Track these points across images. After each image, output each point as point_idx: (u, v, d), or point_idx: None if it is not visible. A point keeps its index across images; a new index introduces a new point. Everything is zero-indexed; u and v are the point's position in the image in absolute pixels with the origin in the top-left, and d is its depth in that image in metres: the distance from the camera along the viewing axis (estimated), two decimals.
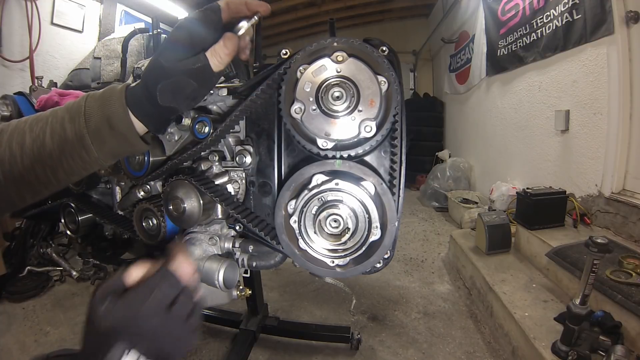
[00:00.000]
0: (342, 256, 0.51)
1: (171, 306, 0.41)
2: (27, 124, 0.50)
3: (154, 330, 0.38)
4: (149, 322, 0.39)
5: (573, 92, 2.51)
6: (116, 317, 0.38)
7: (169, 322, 0.40)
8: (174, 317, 0.41)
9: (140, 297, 0.40)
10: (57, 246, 2.74)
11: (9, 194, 0.50)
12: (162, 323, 0.40)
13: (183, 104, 0.47)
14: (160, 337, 0.39)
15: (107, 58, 3.15)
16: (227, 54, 0.45)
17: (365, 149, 0.50)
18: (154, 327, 0.38)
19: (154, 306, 0.40)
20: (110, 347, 0.36)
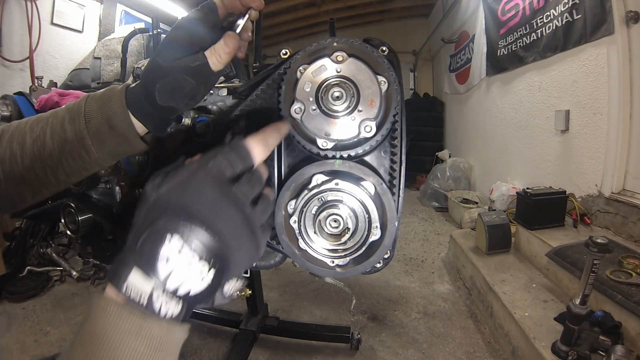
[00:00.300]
0: (342, 256, 0.51)
1: (232, 183, 0.33)
2: (28, 124, 0.50)
3: (207, 206, 0.30)
4: (201, 194, 0.31)
5: (573, 92, 2.51)
6: (163, 188, 0.31)
7: (228, 201, 0.31)
8: (235, 197, 0.32)
9: (196, 166, 0.32)
10: (57, 246, 2.74)
11: (9, 194, 0.50)
12: (218, 199, 0.31)
13: (182, 103, 0.48)
14: (214, 221, 0.30)
15: (107, 58, 3.16)
16: (227, 52, 0.45)
17: (365, 149, 0.50)
18: (206, 202, 0.30)
19: (210, 174, 0.32)
20: (151, 227, 0.29)
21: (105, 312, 0.28)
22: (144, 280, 0.28)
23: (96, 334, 0.27)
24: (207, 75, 0.46)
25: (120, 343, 0.27)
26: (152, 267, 0.28)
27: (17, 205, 0.52)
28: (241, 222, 0.32)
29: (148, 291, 0.28)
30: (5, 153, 0.48)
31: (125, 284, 0.28)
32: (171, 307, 0.29)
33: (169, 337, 0.29)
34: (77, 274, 2.55)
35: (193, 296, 0.30)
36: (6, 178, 0.49)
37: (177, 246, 0.29)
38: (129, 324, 0.27)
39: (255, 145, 0.36)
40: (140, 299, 0.28)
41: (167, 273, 0.28)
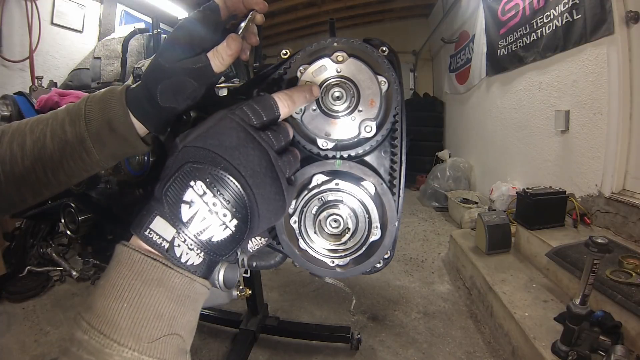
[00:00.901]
0: (342, 256, 0.51)
1: (258, 130, 0.32)
2: (28, 125, 0.50)
3: (231, 150, 0.30)
4: (226, 138, 0.30)
5: (573, 92, 2.51)
6: (189, 137, 0.31)
7: (253, 144, 0.31)
8: (261, 140, 0.31)
9: (222, 114, 0.32)
10: (57, 246, 2.74)
11: (10, 195, 0.50)
12: (242, 142, 0.30)
13: (183, 104, 0.48)
14: (238, 165, 0.29)
15: (107, 58, 3.16)
16: (229, 54, 0.45)
17: (366, 149, 0.50)
18: (231, 146, 0.30)
19: (235, 120, 0.31)
20: (175, 174, 0.29)
21: (127, 260, 0.28)
22: (166, 226, 0.28)
23: (116, 283, 0.27)
24: (209, 77, 0.46)
25: (141, 292, 0.27)
26: (175, 213, 0.28)
27: (18, 206, 0.52)
28: (266, 167, 0.31)
29: (169, 237, 0.28)
30: (6, 154, 0.48)
31: (147, 230, 0.28)
32: (192, 256, 0.28)
33: (190, 291, 0.29)
34: (77, 274, 2.55)
35: (215, 245, 0.29)
36: (6, 179, 0.49)
37: (199, 191, 0.28)
38: (151, 273, 0.27)
39: (281, 98, 0.37)
40: (161, 244, 0.28)
41: (189, 217, 0.28)
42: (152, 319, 0.27)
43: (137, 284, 0.27)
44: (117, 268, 0.28)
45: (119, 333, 0.26)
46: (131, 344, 0.26)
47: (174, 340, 0.28)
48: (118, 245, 0.29)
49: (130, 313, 0.26)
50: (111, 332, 0.26)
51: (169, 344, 0.27)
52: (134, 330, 0.26)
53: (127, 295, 0.27)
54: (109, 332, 0.26)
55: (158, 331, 0.27)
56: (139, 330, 0.26)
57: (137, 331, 0.26)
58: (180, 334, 0.28)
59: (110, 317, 0.26)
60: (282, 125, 0.36)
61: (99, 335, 0.25)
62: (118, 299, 0.27)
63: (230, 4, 0.47)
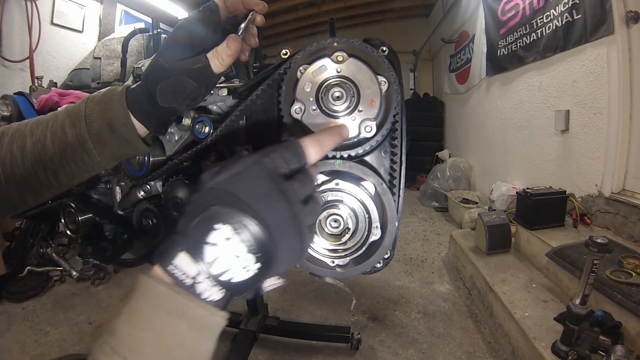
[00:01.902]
0: (342, 256, 0.51)
1: (285, 181, 0.33)
2: (28, 127, 0.50)
3: (260, 199, 0.30)
4: (255, 186, 0.31)
5: (573, 92, 2.51)
6: (219, 178, 0.32)
7: (280, 196, 0.31)
8: (288, 193, 0.32)
9: (252, 160, 0.33)
10: (57, 246, 2.75)
11: (10, 196, 0.50)
12: (271, 193, 0.31)
13: (183, 104, 0.48)
14: (265, 215, 0.30)
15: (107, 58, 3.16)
16: (229, 55, 0.45)
17: (366, 149, 0.50)
18: (259, 195, 0.30)
19: (263, 168, 0.32)
20: (203, 214, 0.30)
21: (151, 291, 0.29)
22: (190, 262, 0.29)
23: (141, 312, 0.28)
24: (208, 77, 0.46)
25: (164, 323, 0.28)
26: (199, 252, 0.29)
27: (19, 207, 0.52)
28: (291, 219, 0.32)
29: (193, 274, 0.29)
30: (6, 156, 0.48)
31: (172, 265, 0.29)
32: (213, 293, 0.29)
33: (211, 322, 0.30)
34: (77, 274, 2.55)
35: (235, 285, 0.30)
36: (7, 180, 0.49)
37: (226, 234, 0.29)
38: (174, 305, 0.28)
39: (311, 145, 0.37)
40: (184, 281, 0.29)
41: (213, 258, 0.29)
42: (174, 348, 0.28)
43: (161, 314, 0.28)
44: (141, 298, 0.29)
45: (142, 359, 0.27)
46: None
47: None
48: (142, 275, 0.30)
49: (153, 341, 0.27)
50: (134, 358, 0.27)
51: None
52: (156, 358, 0.27)
53: (151, 324, 0.28)
54: (132, 358, 0.27)
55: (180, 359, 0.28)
56: (162, 358, 0.27)
57: (160, 358, 0.27)
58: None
59: (135, 343, 0.27)
60: (309, 174, 0.36)
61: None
62: (142, 327, 0.28)
63: (230, 4, 0.47)
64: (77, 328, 2.10)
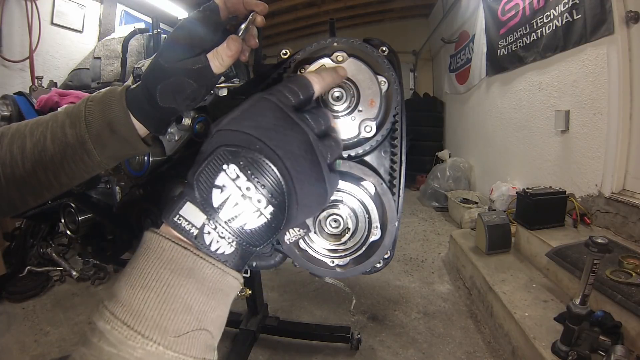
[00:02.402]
0: (342, 256, 0.51)
1: (296, 110, 0.30)
2: (27, 127, 0.50)
3: (267, 131, 0.27)
4: (262, 119, 0.28)
5: (573, 92, 2.51)
6: (224, 120, 0.29)
7: (292, 124, 0.29)
8: (300, 120, 0.29)
9: (256, 96, 0.30)
10: (57, 246, 2.75)
11: (11, 197, 0.50)
12: (280, 122, 0.28)
13: (183, 104, 0.48)
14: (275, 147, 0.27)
15: (107, 58, 3.16)
16: (229, 56, 0.45)
17: (366, 149, 0.50)
18: (267, 127, 0.28)
19: (270, 100, 0.29)
20: (208, 158, 0.27)
21: (156, 247, 0.26)
22: (196, 212, 0.26)
23: (143, 271, 0.26)
24: (208, 77, 0.46)
25: (169, 282, 0.25)
26: (206, 198, 0.26)
27: (19, 208, 0.52)
28: (306, 149, 0.29)
29: (199, 223, 0.26)
30: (6, 157, 0.48)
31: (177, 216, 0.27)
32: (223, 245, 0.27)
33: (222, 283, 0.27)
34: (77, 274, 2.55)
35: (248, 234, 0.27)
36: (7, 181, 0.49)
37: (232, 175, 0.26)
38: (181, 262, 0.26)
39: (312, 76, 0.35)
40: (190, 230, 0.26)
41: (220, 202, 0.26)
42: (180, 312, 0.25)
43: (165, 273, 0.25)
44: (145, 255, 0.26)
45: (144, 325, 0.24)
46: (156, 337, 0.24)
47: (202, 336, 0.26)
48: (147, 232, 0.27)
49: (157, 304, 0.25)
50: (135, 324, 0.24)
51: (196, 339, 0.26)
52: (160, 322, 0.24)
53: (155, 284, 0.25)
54: (133, 323, 0.24)
55: (186, 325, 0.25)
56: (166, 323, 0.25)
57: (164, 324, 0.25)
58: (209, 330, 0.27)
59: (136, 307, 0.25)
60: (321, 109, 0.34)
61: (122, 326, 0.24)
62: (145, 288, 0.25)
63: (231, 4, 0.47)
64: (77, 328, 2.10)
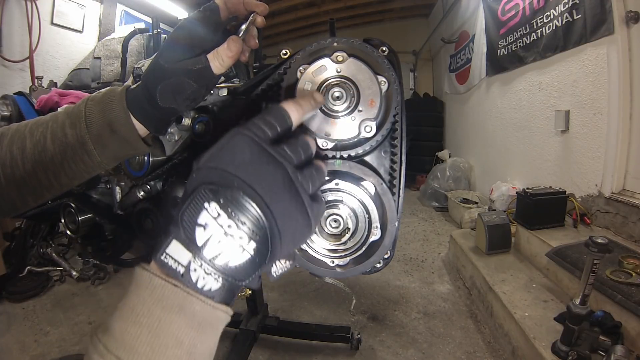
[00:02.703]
0: (342, 256, 0.51)
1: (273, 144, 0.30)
2: (27, 128, 0.50)
3: (244, 167, 0.28)
4: (238, 155, 0.28)
5: (573, 92, 2.51)
6: (203, 158, 0.30)
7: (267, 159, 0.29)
8: (276, 154, 0.29)
9: (234, 131, 0.30)
10: (57, 246, 2.75)
11: (11, 197, 0.50)
12: (256, 158, 0.29)
13: (183, 104, 0.48)
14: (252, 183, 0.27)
15: (107, 58, 3.16)
16: (230, 56, 0.45)
17: (365, 149, 0.50)
18: (243, 163, 0.28)
19: (246, 136, 0.30)
20: (190, 197, 0.28)
21: (147, 284, 0.27)
22: (182, 250, 0.27)
23: (135, 307, 0.27)
24: (208, 78, 0.46)
25: (160, 318, 0.26)
26: (190, 236, 0.27)
27: (20, 208, 0.52)
28: (283, 183, 0.29)
29: (185, 261, 0.27)
30: (6, 157, 0.48)
31: (164, 254, 0.27)
32: (209, 281, 0.27)
33: (212, 317, 0.28)
34: (77, 274, 2.55)
35: (233, 270, 0.28)
36: (7, 182, 0.49)
37: (214, 213, 0.27)
38: (171, 299, 0.26)
39: (290, 106, 0.35)
40: (176, 269, 0.27)
41: (204, 241, 0.27)
42: (171, 347, 0.26)
43: (157, 309, 0.26)
44: (137, 292, 0.27)
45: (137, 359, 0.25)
46: None
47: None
48: (138, 268, 0.28)
49: (149, 339, 0.26)
50: (128, 358, 0.25)
51: None
52: (151, 357, 0.25)
53: (147, 320, 0.26)
54: (126, 358, 0.25)
55: (177, 359, 0.26)
56: (158, 358, 0.25)
57: (155, 358, 0.25)
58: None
59: (129, 342, 0.25)
60: (301, 137, 0.33)
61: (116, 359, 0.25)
62: (137, 324, 0.26)
63: (231, 5, 0.47)
64: (77, 328, 2.10)
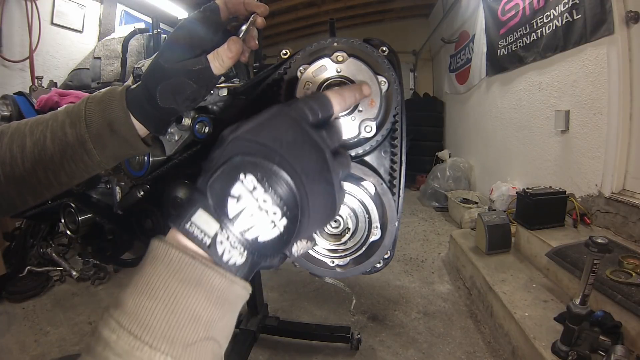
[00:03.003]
0: (342, 256, 0.51)
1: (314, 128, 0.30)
2: (27, 126, 0.50)
3: (287, 146, 0.28)
4: (281, 134, 0.28)
5: (573, 92, 2.51)
6: (241, 129, 0.29)
7: (310, 143, 0.29)
8: (318, 140, 0.30)
9: (276, 109, 0.30)
10: (57, 246, 2.75)
11: (10, 196, 0.50)
12: (299, 140, 0.29)
13: (183, 105, 0.48)
14: (293, 162, 0.28)
15: (107, 58, 3.16)
16: (230, 57, 0.45)
17: (366, 149, 0.50)
18: (287, 142, 0.28)
19: (290, 116, 0.30)
20: (224, 166, 0.27)
21: (164, 256, 0.26)
22: (209, 220, 0.26)
23: (151, 280, 0.25)
24: (208, 78, 0.46)
25: (177, 292, 0.25)
26: (221, 206, 0.26)
27: (19, 207, 0.52)
28: (322, 168, 0.29)
29: (212, 232, 0.26)
30: (6, 155, 0.48)
31: (189, 223, 0.26)
32: (235, 255, 0.27)
33: (230, 293, 0.27)
34: (77, 274, 2.55)
35: (261, 245, 0.27)
36: (7, 180, 0.49)
37: (250, 186, 0.26)
38: (189, 272, 0.25)
39: (334, 97, 0.35)
40: (202, 239, 0.26)
41: (236, 213, 0.26)
42: (188, 322, 0.25)
43: (173, 283, 0.25)
44: (152, 264, 0.26)
45: (152, 335, 0.24)
46: (164, 347, 0.24)
47: (210, 346, 0.26)
48: (154, 240, 0.27)
49: (164, 314, 0.24)
50: (142, 334, 0.24)
51: (204, 349, 0.26)
52: (167, 332, 0.24)
53: (163, 294, 0.25)
54: (140, 334, 0.24)
55: (194, 335, 0.25)
56: (174, 333, 0.24)
57: (172, 334, 0.24)
58: (217, 339, 0.27)
59: (143, 317, 0.24)
60: (335, 125, 0.34)
61: (129, 335, 0.24)
62: (152, 297, 0.25)
63: (231, 5, 0.47)
64: (77, 328, 2.10)
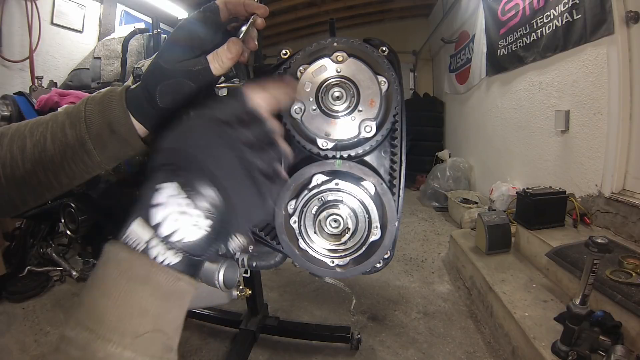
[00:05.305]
0: (342, 256, 0.51)
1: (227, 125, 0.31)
2: (27, 127, 0.50)
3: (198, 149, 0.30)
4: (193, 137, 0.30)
5: (573, 92, 2.51)
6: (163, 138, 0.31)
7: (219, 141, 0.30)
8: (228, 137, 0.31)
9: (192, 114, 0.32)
10: (57, 246, 2.74)
11: (11, 196, 0.50)
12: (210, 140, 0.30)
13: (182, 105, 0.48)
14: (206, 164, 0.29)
15: (107, 58, 3.16)
16: (229, 58, 0.46)
17: (365, 149, 0.50)
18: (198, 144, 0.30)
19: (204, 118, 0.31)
20: (150, 178, 0.30)
21: (114, 258, 0.28)
22: (143, 228, 0.29)
23: (103, 280, 0.28)
24: (208, 79, 0.46)
25: (126, 289, 0.27)
26: (150, 215, 0.29)
27: (19, 208, 0.52)
28: (239, 165, 0.31)
29: (146, 238, 0.28)
30: (6, 156, 0.48)
31: (127, 232, 0.29)
32: (169, 256, 0.29)
33: (175, 288, 0.29)
34: (77, 274, 2.55)
35: (190, 246, 0.29)
36: (7, 181, 0.49)
37: (171, 192, 0.29)
38: (136, 271, 0.28)
39: (252, 89, 0.35)
40: (137, 246, 0.28)
41: (161, 219, 0.29)
42: (136, 315, 0.27)
43: (122, 281, 0.28)
44: (104, 266, 0.29)
45: (104, 328, 0.26)
46: (116, 338, 0.26)
47: (158, 337, 0.28)
48: (107, 244, 0.30)
49: (115, 309, 0.27)
50: (97, 328, 0.26)
51: (153, 340, 0.28)
52: (118, 326, 0.27)
53: (114, 291, 0.27)
54: (95, 328, 0.26)
55: (142, 327, 0.27)
56: (124, 326, 0.27)
57: (122, 327, 0.27)
58: (165, 331, 0.29)
59: (97, 313, 0.27)
60: (256, 116, 0.34)
61: (85, 330, 0.26)
62: (105, 295, 0.27)
63: (231, 6, 0.47)
64: None
